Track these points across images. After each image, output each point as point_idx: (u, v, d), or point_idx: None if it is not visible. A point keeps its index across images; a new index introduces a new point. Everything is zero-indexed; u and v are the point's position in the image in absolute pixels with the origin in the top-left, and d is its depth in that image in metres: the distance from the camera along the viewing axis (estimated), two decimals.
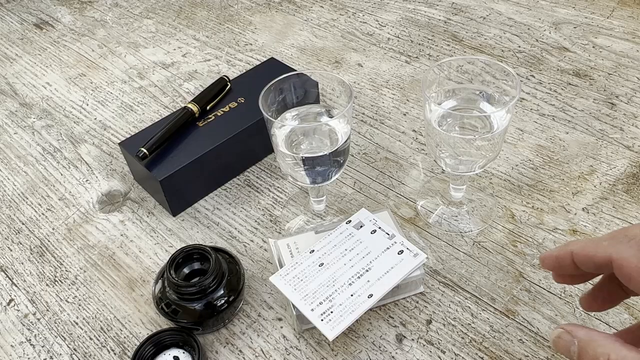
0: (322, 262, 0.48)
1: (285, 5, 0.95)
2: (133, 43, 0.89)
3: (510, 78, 0.48)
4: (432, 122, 0.49)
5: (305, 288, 0.47)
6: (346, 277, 0.47)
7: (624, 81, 0.72)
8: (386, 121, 0.70)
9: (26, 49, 0.91)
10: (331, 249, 0.50)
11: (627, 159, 0.62)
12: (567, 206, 0.58)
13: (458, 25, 0.86)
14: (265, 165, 0.66)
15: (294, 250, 0.51)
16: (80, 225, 0.62)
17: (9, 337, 0.52)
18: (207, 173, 0.62)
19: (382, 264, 0.48)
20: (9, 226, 0.63)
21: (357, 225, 0.52)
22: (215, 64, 0.83)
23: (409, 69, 0.78)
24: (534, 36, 0.81)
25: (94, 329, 0.52)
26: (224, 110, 0.65)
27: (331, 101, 0.55)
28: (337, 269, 0.48)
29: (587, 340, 0.29)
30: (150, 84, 0.80)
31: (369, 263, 0.48)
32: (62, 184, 0.67)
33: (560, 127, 0.67)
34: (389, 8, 0.91)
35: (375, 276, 0.47)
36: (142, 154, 0.58)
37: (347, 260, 0.49)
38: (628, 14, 0.84)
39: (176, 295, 0.48)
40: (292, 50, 0.84)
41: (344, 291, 0.46)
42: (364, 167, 0.64)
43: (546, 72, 0.75)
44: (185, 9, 0.96)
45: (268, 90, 0.50)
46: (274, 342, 0.49)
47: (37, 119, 0.77)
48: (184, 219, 0.61)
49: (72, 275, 0.57)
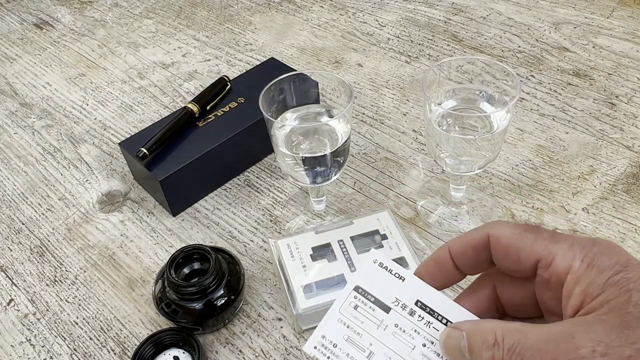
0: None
1: (285, 5, 0.95)
2: (133, 43, 0.89)
3: (510, 78, 0.48)
4: (432, 122, 0.49)
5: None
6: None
7: (624, 81, 0.72)
8: (386, 121, 0.70)
9: (26, 49, 0.91)
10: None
11: (627, 159, 0.62)
12: (567, 206, 0.58)
13: (458, 25, 0.86)
14: (265, 165, 0.66)
15: (294, 250, 0.51)
16: (80, 225, 0.62)
17: (9, 337, 0.52)
18: (207, 173, 0.62)
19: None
20: (9, 226, 0.63)
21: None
22: (215, 64, 0.83)
23: (409, 69, 0.78)
24: (534, 36, 0.81)
25: (94, 329, 0.52)
26: (224, 110, 0.65)
27: (331, 101, 0.55)
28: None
29: (474, 330, 0.28)
30: (150, 84, 0.80)
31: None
32: (62, 184, 0.67)
33: (560, 127, 0.67)
34: (389, 8, 0.91)
35: None
36: (142, 154, 0.58)
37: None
38: (628, 14, 0.84)
39: (176, 295, 0.48)
40: (292, 50, 0.84)
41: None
42: (364, 167, 0.64)
43: (546, 72, 0.75)
44: (185, 9, 0.96)
45: (268, 90, 0.50)
46: (274, 342, 0.49)
47: (37, 119, 0.77)
48: (184, 219, 0.61)
49: (72, 275, 0.57)
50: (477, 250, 0.30)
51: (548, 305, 0.29)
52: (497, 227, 0.29)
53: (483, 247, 0.29)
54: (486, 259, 0.30)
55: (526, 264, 0.28)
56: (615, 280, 0.25)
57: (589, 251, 0.26)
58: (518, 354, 0.25)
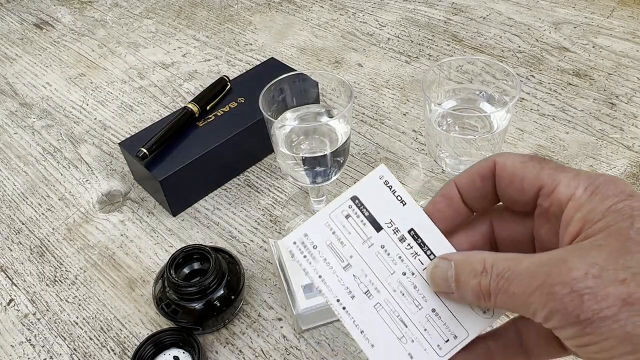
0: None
1: (285, 5, 0.95)
2: (133, 43, 0.89)
3: (510, 78, 0.48)
4: (432, 122, 0.49)
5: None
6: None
7: (624, 81, 0.72)
8: (386, 121, 0.70)
9: (26, 49, 0.91)
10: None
11: (627, 159, 0.62)
12: None
13: (458, 25, 0.86)
14: (265, 165, 0.66)
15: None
16: (80, 225, 0.62)
17: (9, 337, 0.52)
18: (207, 173, 0.62)
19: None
20: (9, 226, 0.63)
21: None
22: (215, 64, 0.83)
23: (409, 69, 0.78)
24: (534, 36, 0.81)
25: (94, 329, 0.52)
26: (224, 110, 0.65)
27: (331, 101, 0.55)
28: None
29: (463, 259, 0.27)
30: (150, 84, 0.80)
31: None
32: (62, 184, 0.67)
33: (560, 127, 0.67)
34: (389, 8, 0.91)
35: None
36: (142, 154, 0.58)
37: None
38: (628, 14, 0.84)
39: (176, 295, 0.48)
40: (292, 50, 0.84)
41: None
42: (364, 167, 0.64)
43: (546, 72, 0.75)
44: (185, 9, 0.96)
45: (268, 90, 0.50)
46: (274, 342, 0.49)
47: (37, 119, 0.77)
48: (184, 219, 0.61)
49: (72, 275, 0.57)
50: (484, 178, 0.29)
51: (545, 241, 0.28)
52: (505, 156, 0.28)
53: (489, 175, 0.28)
54: (492, 191, 0.29)
55: (529, 191, 0.27)
56: (619, 208, 0.24)
57: (595, 180, 0.25)
58: (507, 279, 0.24)
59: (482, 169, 0.29)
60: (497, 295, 0.25)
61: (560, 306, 0.22)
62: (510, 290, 0.24)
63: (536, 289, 0.23)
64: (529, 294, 0.23)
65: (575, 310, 0.22)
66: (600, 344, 0.22)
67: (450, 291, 0.28)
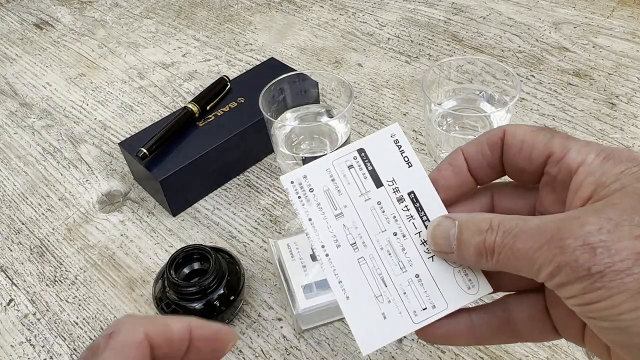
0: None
1: (285, 5, 0.95)
2: (133, 43, 0.89)
3: (510, 78, 0.48)
4: (432, 122, 0.49)
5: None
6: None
7: (624, 81, 0.72)
8: (386, 121, 0.70)
9: (26, 49, 0.91)
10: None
11: None
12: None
13: (458, 25, 0.86)
14: (265, 165, 0.66)
15: (294, 250, 0.51)
16: (80, 225, 0.62)
17: (9, 337, 0.52)
18: (207, 173, 0.62)
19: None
20: (9, 226, 0.63)
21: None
22: (215, 64, 0.83)
23: (409, 69, 0.78)
24: (534, 36, 0.81)
25: (94, 329, 0.52)
26: (224, 110, 0.65)
27: (331, 101, 0.55)
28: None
29: (468, 218, 0.26)
30: (150, 84, 0.80)
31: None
32: (62, 184, 0.67)
33: (560, 127, 0.67)
34: (389, 8, 0.91)
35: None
36: (142, 154, 0.58)
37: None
38: (628, 14, 0.84)
39: (176, 295, 0.48)
40: (292, 50, 0.84)
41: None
42: None
43: (546, 72, 0.75)
44: (185, 9, 0.96)
45: (268, 90, 0.50)
46: (274, 342, 0.49)
47: (37, 119, 0.77)
48: (184, 219, 0.61)
49: (72, 276, 0.57)
50: (492, 146, 0.28)
51: (549, 214, 0.27)
52: (515, 125, 0.28)
53: (498, 143, 0.28)
54: (499, 162, 0.28)
55: (537, 159, 0.26)
56: (633, 171, 0.23)
57: (606, 148, 0.25)
58: (514, 235, 0.24)
59: (491, 137, 0.28)
60: (501, 252, 0.24)
61: (570, 259, 0.21)
62: (515, 246, 0.23)
63: (544, 244, 0.22)
64: (536, 249, 0.23)
65: (586, 262, 0.21)
66: (611, 299, 0.21)
67: (450, 250, 0.27)
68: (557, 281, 0.22)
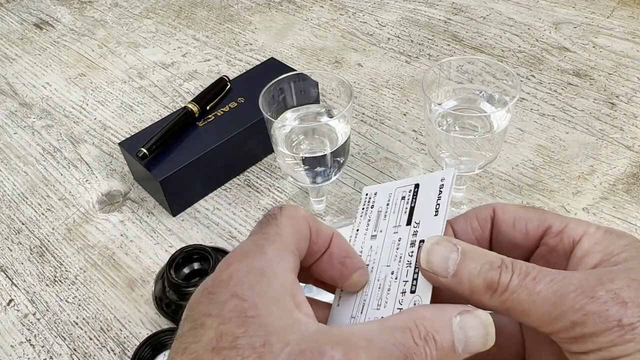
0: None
1: (285, 5, 0.95)
2: (133, 43, 0.89)
3: (510, 78, 0.48)
4: (432, 122, 0.49)
5: None
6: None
7: (624, 81, 0.72)
8: (386, 121, 0.70)
9: (26, 49, 0.91)
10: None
11: (627, 159, 0.62)
12: (567, 206, 0.58)
13: (458, 25, 0.86)
14: (265, 165, 0.66)
15: None
16: (80, 225, 0.62)
17: (9, 337, 0.52)
18: (207, 173, 0.62)
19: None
20: (9, 226, 0.63)
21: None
22: (215, 64, 0.83)
23: (409, 69, 0.78)
24: (534, 36, 0.81)
25: (94, 329, 0.52)
26: (224, 110, 0.65)
27: (331, 101, 0.55)
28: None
29: (473, 248, 0.25)
30: (150, 84, 0.80)
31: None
32: (62, 184, 0.67)
33: (560, 127, 0.67)
34: (389, 8, 0.91)
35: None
36: (142, 154, 0.58)
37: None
38: (628, 14, 0.84)
39: (176, 296, 0.48)
40: (292, 50, 0.84)
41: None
42: (364, 167, 0.64)
43: (546, 72, 0.75)
44: (185, 9, 0.96)
45: (268, 90, 0.50)
46: None
47: (37, 119, 0.77)
48: (184, 219, 0.61)
49: (72, 275, 0.57)
50: (482, 221, 0.28)
51: None
52: (503, 204, 0.28)
53: (488, 219, 0.28)
54: (488, 237, 0.28)
55: (534, 233, 0.27)
56: (637, 245, 0.24)
57: (601, 226, 0.25)
58: (534, 277, 0.23)
59: (481, 213, 0.29)
60: (515, 292, 0.23)
61: (601, 308, 0.21)
62: (536, 289, 0.23)
63: (571, 292, 0.22)
64: (560, 295, 0.22)
65: (617, 313, 0.21)
66: (637, 354, 0.21)
67: (443, 275, 0.25)
68: (579, 331, 0.22)
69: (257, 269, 0.23)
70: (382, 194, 0.32)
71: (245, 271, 0.23)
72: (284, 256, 0.24)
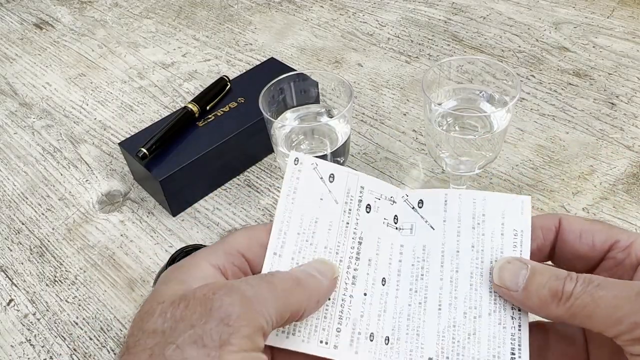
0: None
1: (285, 5, 0.95)
2: (133, 43, 0.89)
3: (511, 78, 0.48)
4: (432, 122, 0.49)
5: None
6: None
7: (624, 81, 0.72)
8: (386, 121, 0.70)
9: (26, 49, 0.91)
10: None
11: (627, 159, 0.62)
12: (567, 206, 0.58)
13: (458, 25, 0.86)
14: (265, 165, 0.66)
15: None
16: (80, 225, 0.62)
17: (9, 337, 0.52)
18: (207, 173, 0.62)
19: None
20: (9, 226, 0.63)
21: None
22: (215, 64, 0.83)
23: (409, 69, 0.78)
24: (534, 36, 0.81)
25: (94, 329, 0.52)
26: (224, 110, 0.65)
27: (331, 101, 0.55)
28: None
29: (541, 265, 0.28)
30: (150, 84, 0.80)
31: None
32: (62, 184, 0.67)
33: (560, 127, 0.67)
34: (389, 8, 0.91)
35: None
36: (142, 154, 0.58)
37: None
38: (628, 14, 0.84)
39: None
40: (292, 50, 0.84)
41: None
42: (364, 167, 0.64)
43: (546, 72, 0.75)
44: (185, 9, 0.96)
45: (268, 90, 0.50)
46: None
47: (37, 119, 0.77)
48: (184, 219, 0.61)
49: (72, 276, 0.57)
50: (546, 231, 0.29)
51: None
52: (570, 216, 0.29)
53: (552, 230, 0.29)
54: (549, 247, 0.30)
55: (602, 246, 0.28)
56: None
57: None
58: (597, 284, 0.25)
59: (545, 222, 0.30)
60: (579, 298, 0.25)
61: None
62: (598, 293, 0.24)
63: (634, 295, 0.23)
64: (622, 298, 0.24)
65: None
66: None
67: (514, 289, 0.27)
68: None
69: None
70: (406, 213, 0.33)
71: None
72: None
